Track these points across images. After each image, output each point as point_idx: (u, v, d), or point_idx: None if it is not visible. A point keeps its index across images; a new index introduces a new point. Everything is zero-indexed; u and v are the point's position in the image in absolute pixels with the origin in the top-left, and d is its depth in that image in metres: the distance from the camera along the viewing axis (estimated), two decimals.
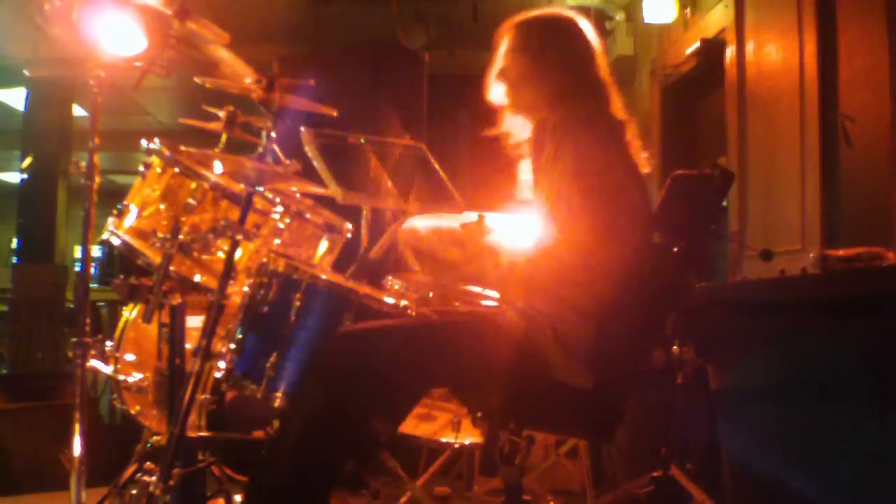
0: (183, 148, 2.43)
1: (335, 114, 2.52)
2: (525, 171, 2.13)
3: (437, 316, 2.03)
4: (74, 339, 2.27)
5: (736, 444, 2.48)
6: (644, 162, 2.05)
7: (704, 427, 3.04)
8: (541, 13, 2.14)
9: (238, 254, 2.15)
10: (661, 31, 4.75)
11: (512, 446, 1.85)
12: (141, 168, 2.38)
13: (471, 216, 2.43)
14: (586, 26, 2.13)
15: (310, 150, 2.28)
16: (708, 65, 4.21)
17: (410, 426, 2.82)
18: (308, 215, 2.48)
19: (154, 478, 1.96)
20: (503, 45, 2.13)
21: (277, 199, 2.35)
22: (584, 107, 1.99)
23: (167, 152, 2.33)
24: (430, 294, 2.35)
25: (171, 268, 2.19)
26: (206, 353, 2.01)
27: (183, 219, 2.22)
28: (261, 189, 2.15)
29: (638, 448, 3.58)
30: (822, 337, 1.96)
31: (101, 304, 5.63)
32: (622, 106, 2.10)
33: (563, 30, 2.10)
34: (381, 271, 2.43)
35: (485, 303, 2.38)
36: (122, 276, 2.24)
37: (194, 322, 2.41)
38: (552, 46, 2.06)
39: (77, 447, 2.20)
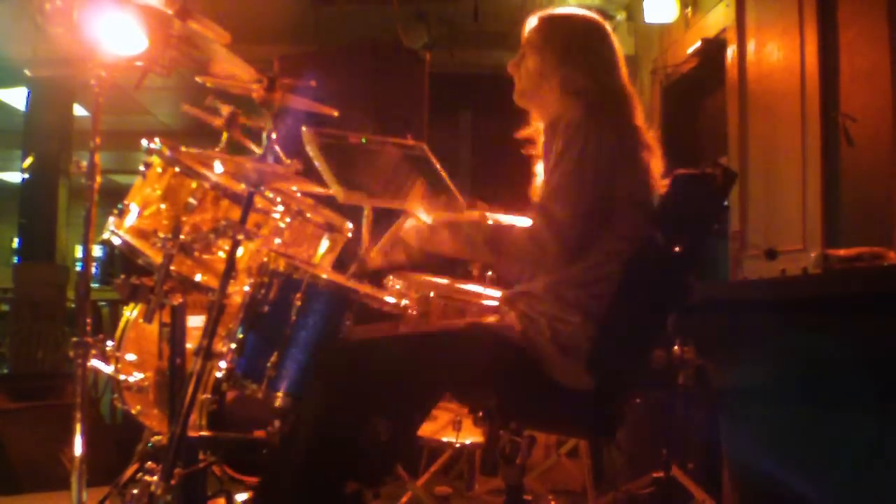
0: (184, 149, 2.43)
1: (336, 114, 2.52)
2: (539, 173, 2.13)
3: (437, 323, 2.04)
4: (75, 339, 2.27)
5: (736, 443, 2.48)
6: (658, 176, 2.03)
7: (705, 427, 3.04)
8: (571, 12, 2.12)
9: (239, 253, 2.15)
10: (662, 31, 4.75)
11: (513, 446, 1.86)
12: (141, 168, 2.38)
13: (472, 216, 2.43)
14: (611, 33, 2.12)
15: (311, 150, 2.27)
16: (709, 64, 4.21)
17: None
18: (309, 214, 2.48)
19: (155, 477, 1.96)
20: (527, 37, 2.12)
21: (278, 199, 2.35)
22: (602, 110, 1.96)
23: (168, 152, 2.33)
24: (431, 294, 2.35)
25: (172, 267, 2.19)
26: (207, 353, 2.01)
27: (184, 218, 2.22)
28: (262, 188, 2.15)
29: (639, 448, 3.58)
30: (823, 337, 1.96)
31: (102, 303, 5.63)
32: (643, 117, 2.08)
33: (589, 32, 2.09)
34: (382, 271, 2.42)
35: (485, 303, 2.38)
36: (122, 276, 2.24)
37: (195, 322, 2.41)
38: (576, 46, 2.04)
39: (78, 447, 2.20)
